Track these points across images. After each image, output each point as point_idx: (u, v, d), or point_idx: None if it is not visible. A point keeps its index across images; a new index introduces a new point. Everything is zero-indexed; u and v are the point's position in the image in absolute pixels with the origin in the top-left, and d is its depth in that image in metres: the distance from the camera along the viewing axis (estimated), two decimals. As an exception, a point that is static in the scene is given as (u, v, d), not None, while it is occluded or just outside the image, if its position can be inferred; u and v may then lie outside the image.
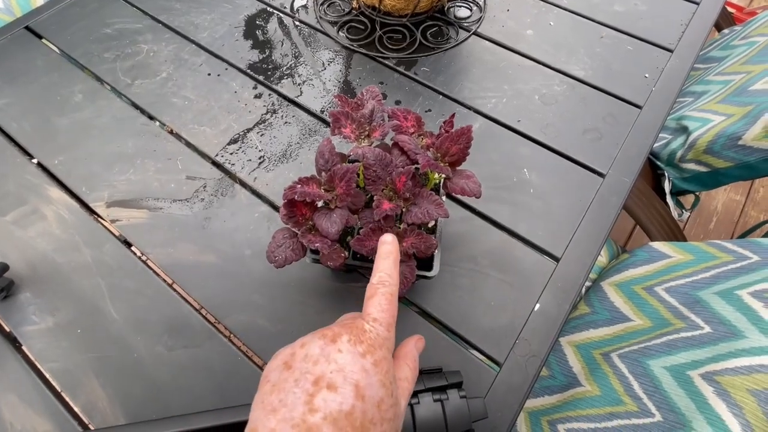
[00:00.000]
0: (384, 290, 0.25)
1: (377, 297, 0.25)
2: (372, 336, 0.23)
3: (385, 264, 0.27)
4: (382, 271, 0.26)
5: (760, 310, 0.42)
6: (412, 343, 0.28)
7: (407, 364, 0.26)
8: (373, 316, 0.24)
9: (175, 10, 0.62)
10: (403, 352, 0.27)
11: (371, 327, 0.24)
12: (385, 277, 0.26)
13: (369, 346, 0.22)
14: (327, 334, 0.23)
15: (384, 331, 0.24)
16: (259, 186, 0.47)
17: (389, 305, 0.25)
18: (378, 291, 0.25)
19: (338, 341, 0.22)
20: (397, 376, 0.25)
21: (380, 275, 0.26)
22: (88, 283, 0.41)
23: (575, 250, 0.42)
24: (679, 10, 0.62)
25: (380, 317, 0.24)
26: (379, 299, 0.25)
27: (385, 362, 0.23)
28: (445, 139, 0.32)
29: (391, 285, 0.26)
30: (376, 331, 0.23)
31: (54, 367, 0.37)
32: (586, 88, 0.54)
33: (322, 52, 0.58)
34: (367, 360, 0.22)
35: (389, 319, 0.24)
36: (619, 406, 0.46)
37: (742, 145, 0.58)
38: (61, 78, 0.55)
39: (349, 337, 0.23)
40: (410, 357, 0.27)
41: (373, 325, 0.24)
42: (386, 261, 0.27)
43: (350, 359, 0.21)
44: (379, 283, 0.26)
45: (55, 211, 0.45)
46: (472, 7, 0.63)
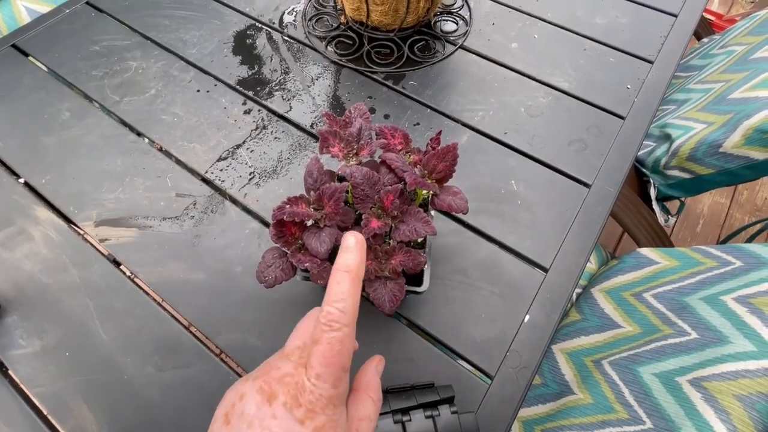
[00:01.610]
0: (330, 336, 0.19)
1: (322, 346, 0.19)
2: (313, 398, 0.19)
3: (338, 291, 0.20)
4: (332, 304, 0.20)
5: (743, 316, 0.43)
6: (372, 369, 0.25)
7: (369, 396, 0.23)
8: (317, 371, 0.19)
9: (163, 27, 0.63)
10: (364, 381, 0.24)
11: (313, 386, 0.19)
12: (335, 315, 0.20)
13: (308, 410, 0.19)
14: (264, 389, 0.20)
15: (329, 388, 0.20)
16: (250, 202, 0.47)
17: (337, 356, 0.20)
18: (323, 337, 0.20)
19: (273, 403, 0.19)
20: (357, 416, 0.22)
21: (329, 311, 0.20)
22: (76, 304, 0.41)
23: (563, 260, 0.43)
24: (658, 22, 0.64)
25: (324, 373, 0.19)
26: (324, 350, 0.19)
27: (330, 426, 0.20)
28: (432, 156, 0.32)
29: (341, 326, 0.20)
30: (318, 390, 0.19)
31: (41, 392, 0.37)
32: (570, 99, 0.55)
33: (310, 67, 0.59)
34: (305, 428, 0.19)
35: (336, 373, 0.20)
36: (611, 414, 0.46)
37: (722, 152, 0.60)
38: (48, 96, 0.55)
39: (285, 399, 0.19)
40: (372, 387, 0.24)
41: (315, 384, 0.19)
42: (340, 286, 0.20)
43: (285, 427, 0.19)
44: (327, 324, 0.20)
45: (42, 231, 0.45)
46: (458, 21, 0.64)
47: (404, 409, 0.31)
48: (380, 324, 0.39)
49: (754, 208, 1.20)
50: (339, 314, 0.20)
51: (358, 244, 0.21)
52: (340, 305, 0.20)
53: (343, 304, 0.20)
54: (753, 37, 0.72)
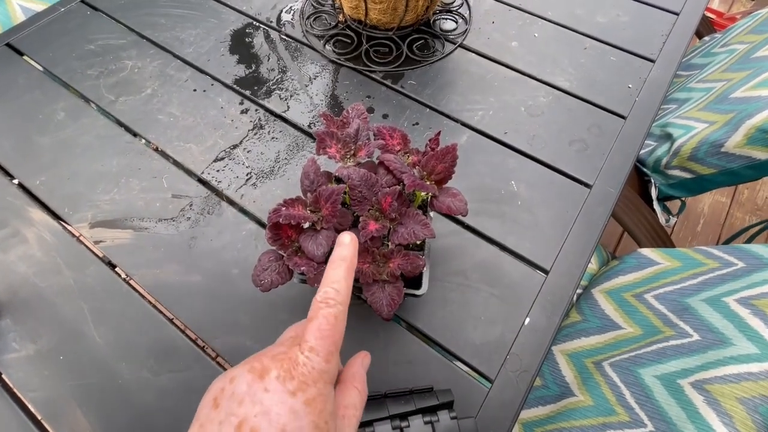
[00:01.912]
0: (327, 311, 0.21)
1: (318, 320, 0.21)
2: (306, 370, 0.20)
3: (334, 275, 0.23)
4: (329, 285, 0.22)
5: (746, 317, 0.43)
6: (359, 362, 0.26)
7: (355, 387, 0.24)
8: (310, 344, 0.21)
9: (160, 26, 0.62)
10: (350, 373, 0.25)
11: (306, 358, 0.21)
12: (331, 293, 0.22)
13: (301, 382, 0.20)
14: (256, 367, 0.20)
15: (321, 362, 0.21)
16: (246, 203, 0.46)
17: (331, 330, 0.21)
18: (319, 312, 0.21)
19: (266, 378, 0.20)
20: (342, 403, 0.23)
21: (326, 291, 0.22)
22: (70, 307, 0.40)
23: (564, 262, 0.43)
24: (659, 21, 0.63)
25: (318, 346, 0.21)
26: (320, 323, 0.21)
27: (321, 399, 0.20)
28: (431, 157, 0.32)
29: (336, 304, 0.22)
30: (311, 363, 0.20)
31: (35, 396, 0.36)
32: (571, 99, 0.55)
33: (308, 66, 0.58)
34: (297, 399, 0.19)
35: (329, 347, 0.21)
36: (612, 417, 0.46)
37: (724, 152, 0.59)
38: (43, 96, 0.55)
39: (278, 372, 0.20)
40: (358, 378, 0.25)
41: (308, 356, 0.21)
42: (336, 271, 0.23)
43: (277, 399, 0.19)
44: (323, 300, 0.22)
45: (36, 233, 0.44)
46: (458, 19, 0.63)
47: (403, 414, 0.30)
48: (378, 327, 0.39)
49: (755, 207, 1.19)
50: (334, 293, 0.22)
51: (352, 241, 0.24)
52: (336, 285, 0.22)
53: (339, 285, 0.22)
54: (754, 35, 0.72)
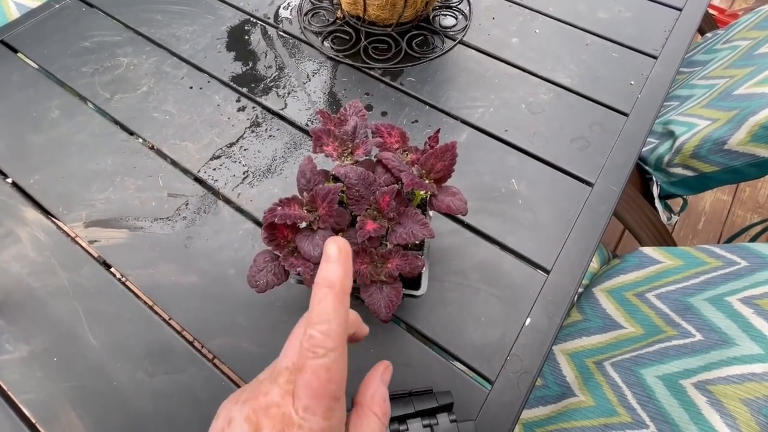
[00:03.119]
0: (315, 364, 0.17)
1: (306, 376, 0.17)
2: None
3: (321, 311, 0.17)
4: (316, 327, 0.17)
5: (750, 317, 0.42)
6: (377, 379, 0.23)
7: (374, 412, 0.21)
8: (304, 403, 0.17)
9: (155, 22, 0.61)
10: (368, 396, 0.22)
11: (301, 420, 0.17)
12: (319, 340, 0.17)
13: None
14: (251, 419, 0.18)
15: (319, 421, 0.17)
16: (243, 202, 0.46)
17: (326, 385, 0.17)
18: (307, 364, 0.17)
19: None
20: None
21: (311, 336, 0.17)
22: (64, 308, 0.39)
23: (565, 261, 0.42)
24: (662, 17, 0.62)
25: (313, 404, 0.17)
26: (308, 380, 0.17)
27: None
28: (430, 155, 0.31)
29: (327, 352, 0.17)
30: (307, 425, 0.17)
31: (29, 399, 0.36)
32: (572, 96, 0.54)
33: (306, 63, 0.57)
34: None
35: (327, 404, 0.18)
36: (613, 417, 0.45)
37: (727, 149, 0.59)
38: (37, 93, 0.54)
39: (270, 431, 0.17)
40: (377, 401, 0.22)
41: (303, 417, 0.17)
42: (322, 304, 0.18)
43: None
44: (310, 349, 0.17)
45: (30, 232, 0.44)
46: (458, 15, 0.63)
47: (401, 417, 0.30)
48: (377, 328, 0.38)
49: (756, 205, 1.19)
50: (323, 338, 0.17)
51: (341, 252, 0.18)
52: (323, 327, 0.17)
53: (327, 326, 0.17)
54: (758, 31, 0.71)
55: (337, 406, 0.18)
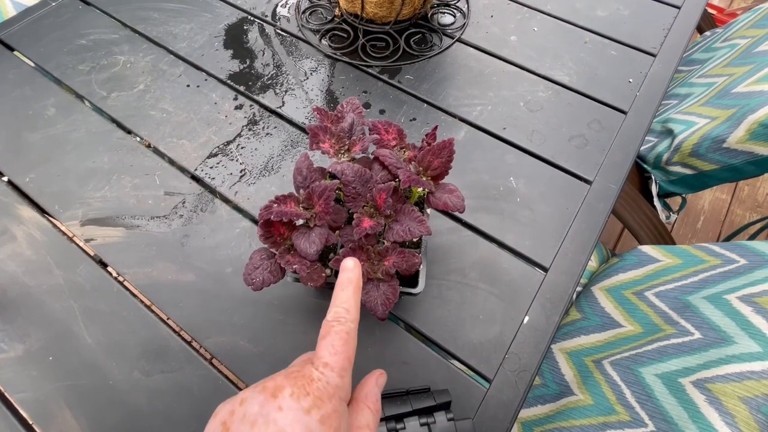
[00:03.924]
0: (339, 329, 0.22)
1: (330, 337, 0.22)
2: (320, 386, 0.20)
3: (343, 296, 0.24)
4: (339, 305, 0.23)
5: (748, 315, 0.42)
6: (373, 381, 0.26)
7: (368, 406, 0.24)
8: (324, 360, 0.21)
9: (152, 20, 0.61)
10: (363, 393, 0.25)
11: (320, 374, 0.21)
12: (342, 313, 0.23)
13: (316, 398, 0.20)
14: (268, 386, 0.20)
15: (336, 377, 0.21)
16: (240, 200, 0.46)
17: (344, 346, 0.22)
18: (332, 330, 0.22)
19: (279, 396, 0.20)
20: (356, 423, 0.23)
21: (336, 311, 0.23)
22: (60, 307, 0.39)
23: (563, 259, 0.42)
24: (661, 14, 0.62)
25: (332, 361, 0.21)
26: (333, 339, 0.22)
27: (336, 416, 0.20)
28: (427, 152, 0.31)
29: (347, 321, 0.23)
30: (326, 378, 0.21)
31: (24, 397, 0.36)
32: (571, 93, 0.54)
33: (304, 61, 0.57)
34: (312, 417, 0.19)
35: (343, 363, 0.22)
36: (612, 416, 0.45)
37: (726, 147, 0.59)
38: (33, 91, 0.53)
39: (292, 390, 0.20)
40: (371, 398, 0.25)
41: (323, 372, 0.21)
42: (345, 292, 0.24)
43: (292, 418, 0.19)
44: (334, 320, 0.23)
45: (26, 231, 0.43)
46: (456, 13, 0.62)
47: (398, 415, 0.30)
48: (374, 326, 0.38)
49: (755, 204, 1.19)
50: (344, 312, 0.23)
51: (356, 265, 0.25)
52: (345, 305, 0.23)
53: (348, 305, 0.23)
54: (756, 29, 0.71)
55: (349, 369, 0.22)
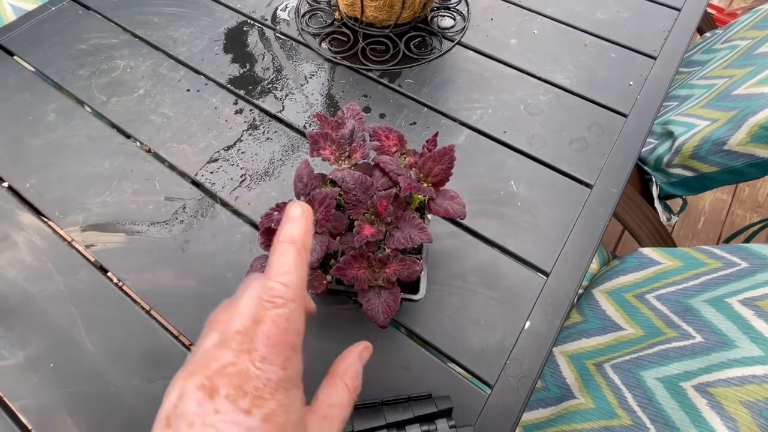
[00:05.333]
0: (275, 314, 0.18)
1: (266, 325, 0.18)
2: (260, 384, 0.17)
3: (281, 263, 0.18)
4: (276, 279, 0.18)
5: (750, 319, 0.42)
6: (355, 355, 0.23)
7: (345, 383, 0.22)
8: (261, 353, 0.18)
9: (152, 24, 0.61)
10: (342, 368, 0.22)
11: (258, 371, 0.18)
12: (279, 290, 0.18)
13: (255, 398, 0.17)
14: (205, 385, 0.18)
15: (277, 371, 0.18)
16: (241, 205, 0.46)
17: (283, 335, 0.18)
18: (266, 316, 0.18)
19: (215, 398, 0.17)
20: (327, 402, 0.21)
21: (271, 286, 0.18)
22: (61, 313, 0.39)
23: (564, 264, 0.42)
24: (661, 17, 0.62)
25: (270, 354, 0.18)
26: (268, 329, 0.18)
27: (281, 411, 0.18)
28: (428, 159, 0.31)
29: (286, 302, 0.18)
30: (265, 375, 0.18)
31: (25, 405, 0.36)
32: (571, 97, 0.54)
33: (304, 65, 0.57)
34: (253, 417, 0.17)
35: (285, 353, 0.18)
36: (614, 420, 0.45)
37: (727, 150, 0.58)
38: (33, 97, 0.54)
39: (227, 391, 0.17)
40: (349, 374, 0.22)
41: (260, 367, 0.18)
42: (284, 257, 0.19)
43: (230, 421, 0.17)
44: (269, 300, 0.18)
45: (26, 237, 0.43)
46: (456, 16, 0.62)
47: (400, 422, 0.30)
48: (375, 331, 0.38)
49: (756, 204, 1.19)
50: (283, 289, 0.18)
51: (304, 213, 0.20)
52: (283, 279, 0.18)
53: (287, 278, 0.18)
54: (757, 31, 0.71)
55: (294, 357, 0.18)
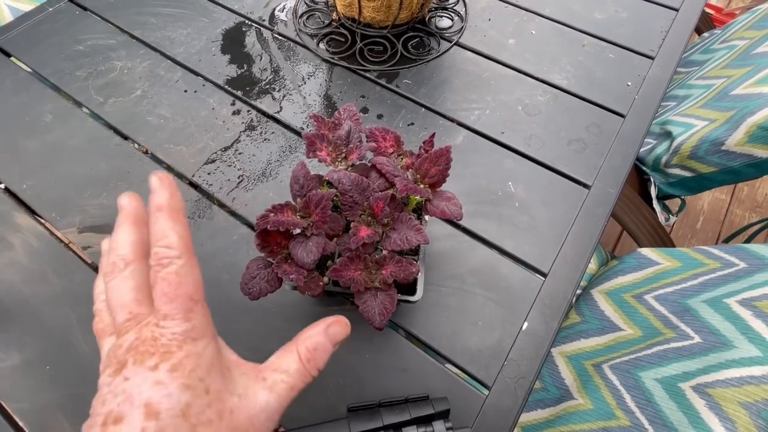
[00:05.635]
0: (164, 273, 0.19)
1: (159, 285, 0.19)
2: (165, 340, 0.19)
3: (159, 229, 0.20)
4: (157, 244, 0.19)
5: (748, 319, 0.42)
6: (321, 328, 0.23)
7: (298, 351, 0.22)
8: (163, 311, 0.19)
9: (150, 25, 0.61)
10: (302, 337, 0.23)
11: (161, 330, 0.19)
12: (161, 252, 0.19)
13: (163, 353, 0.18)
14: (115, 367, 0.19)
15: (180, 323, 0.19)
16: (238, 207, 0.46)
17: (177, 289, 0.19)
18: (158, 277, 0.19)
19: (124, 370, 0.18)
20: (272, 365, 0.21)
21: (156, 251, 0.19)
22: (57, 316, 0.39)
23: (562, 264, 0.42)
24: (659, 17, 0.62)
25: (170, 310, 0.19)
26: (162, 287, 0.19)
27: (190, 359, 0.19)
28: (425, 160, 0.31)
29: (171, 260, 0.19)
30: (170, 330, 0.19)
31: (21, 407, 0.35)
32: (569, 97, 0.54)
33: (302, 65, 0.57)
34: (160, 371, 0.18)
35: (185, 304, 0.19)
36: (612, 421, 0.45)
37: (725, 150, 0.58)
38: (30, 98, 0.53)
39: (134, 358, 0.18)
40: (306, 344, 0.22)
41: (164, 326, 0.19)
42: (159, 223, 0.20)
43: (139, 380, 0.18)
44: (157, 263, 0.19)
45: (23, 239, 0.43)
46: (454, 17, 0.62)
47: (397, 424, 0.29)
48: (371, 332, 0.38)
49: (755, 204, 1.19)
50: (165, 251, 0.19)
51: (161, 181, 0.21)
52: (163, 242, 0.20)
53: (167, 240, 0.20)
54: (755, 31, 0.71)
55: (196, 308, 0.19)
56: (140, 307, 0.20)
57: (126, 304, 0.20)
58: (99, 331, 0.22)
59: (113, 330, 0.21)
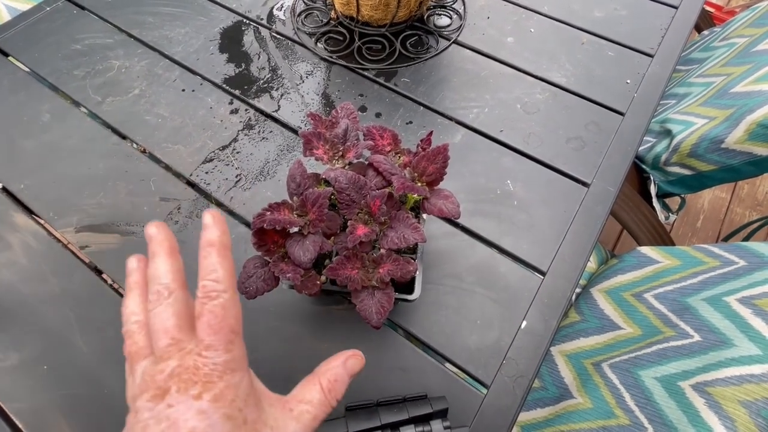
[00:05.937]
0: (211, 305, 0.21)
1: (205, 317, 0.21)
2: (207, 370, 0.20)
3: (208, 264, 0.22)
4: (206, 278, 0.21)
5: (748, 318, 0.42)
6: (340, 362, 0.24)
7: (320, 383, 0.23)
8: (206, 342, 0.20)
9: (147, 24, 0.61)
10: (322, 369, 0.24)
11: (203, 360, 0.20)
12: (210, 286, 0.21)
13: (205, 383, 0.19)
14: (156, 394, 0.20)
15: (222, 354, 0.20)
16: (236, 206, 0.45)
17: (222, 321, 0.20)
18: (205, 309, 0.21)
19: (167, 397, 0.19)
20: (297, 397, 0.22)
21: (204, 285, 0.21)
22: (55, 315, 0.39)
23: (561, 263, 0.42)
24: (658, 15, 0.62)
25: (214, 341, 0.20)
26: (208, 319, 0.20)
27: (230, 390, 0.20)
28: (422, 158, 0.31)
29: (219, 294, 0.21)
30: (212, 360, 0.20)
31: (19, 407, 0.35)
32: (568, 95, 0.54)
33: (300, 64, 0.57)
34: (203, 400, 0.19)
35: (227, 337, 0.20)
36: (612, 420, 0.45)
37: (725, 148, 0.58)
38: (28, 97, 0.53)
39: (177, 386, 0.19)
40: (327, 376, 0.23)
41: (206, 356, 0.20)
42: (208, 260, 0.22)
43: (183, 408, 0.19)
44: (205, 296, 0.21)
45: (20, 238, 0.43)
46: (452, 15, 0.62)
47: (395, 423, 0.29)
48: (370, 332, 0.38)
49: (755, 202, 1.18)
50: (213, 284, 0.21)
51: (214, 219, 0.23)
52: (212, 276, 0.21)
53: (216, 275, 0.21)
54: (754, 29, 0.70)
55: (236, 340, 0.21)
56: (181, 333, 0.21)
57: (168, 330, 0.21)
58: (132, 354, 0.23)
59: (148, 353, 0.22)
